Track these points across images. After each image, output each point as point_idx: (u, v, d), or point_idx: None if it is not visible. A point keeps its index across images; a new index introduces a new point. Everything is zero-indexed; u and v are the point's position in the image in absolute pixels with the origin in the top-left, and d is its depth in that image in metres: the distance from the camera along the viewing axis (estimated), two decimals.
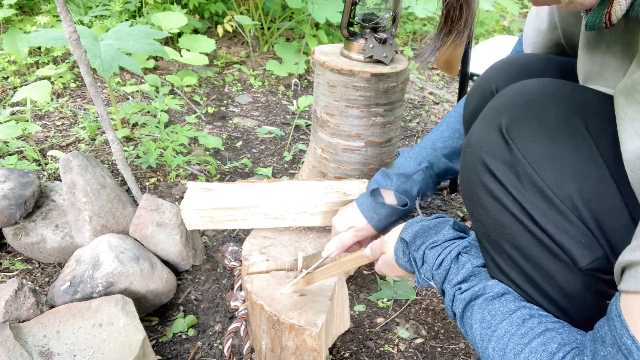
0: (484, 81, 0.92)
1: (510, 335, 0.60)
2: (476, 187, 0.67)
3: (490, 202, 0.65)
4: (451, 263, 0.72)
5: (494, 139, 0.65)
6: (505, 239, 0.65)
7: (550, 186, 0.60)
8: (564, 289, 0.62)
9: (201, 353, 1.07)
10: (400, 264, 0.81)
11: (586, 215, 0.59)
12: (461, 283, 0.70)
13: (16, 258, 1.26)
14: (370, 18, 1.27)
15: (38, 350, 0.89)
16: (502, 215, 0.64)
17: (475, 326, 0.66)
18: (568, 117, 0.62)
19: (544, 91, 0.66)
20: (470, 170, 0.68)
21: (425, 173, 1.06)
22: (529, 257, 0.63)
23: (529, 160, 0.61)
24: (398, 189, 1.05)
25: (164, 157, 1.62)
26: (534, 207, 0.61)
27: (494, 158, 0.64)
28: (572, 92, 0.66)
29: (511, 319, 0.62)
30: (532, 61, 0.90)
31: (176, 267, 1.25)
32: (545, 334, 0.58)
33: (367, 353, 1.10)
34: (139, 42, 1.51)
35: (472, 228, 0.75)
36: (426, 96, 2.46)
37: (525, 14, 3.81)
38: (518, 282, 0.66)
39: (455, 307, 0.70)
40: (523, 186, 0.61)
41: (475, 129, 0.70)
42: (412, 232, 0.79)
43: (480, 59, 1.71)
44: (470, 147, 0.69)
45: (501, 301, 0.65)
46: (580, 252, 0.59)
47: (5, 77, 2.02)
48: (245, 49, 2.58)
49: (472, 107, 0.93)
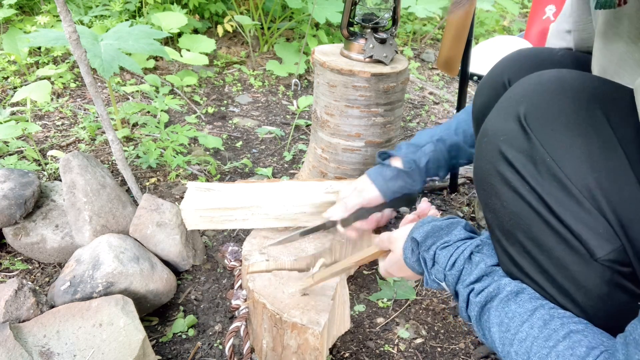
0: (496, 73, 0.90)
1: (533, 338, 0.59)
2: (492, 177, 0.67)
3: (506, 192, 0.65)
4: (464, 263, 0.71)
5: (511, 128, 0.64)
6: (520, 230, 0.64)
7: (568, 176, 0.59)
8: (579, 281, 0.61)
9: (201, 353, 1.07)
10: (409, 264, 0.80)
11: (604, 205, 0.58)
12: (475, 283, 0.69)
13: (16, 258, 1.26)
14: (370, 18, 1.27)
15: (38, 350, 0.89)
16: (518, 205, 0.63)
17: (493, 330, 0.64)
18: (587, 107, 0.62)
19: (562, 81, 0.65)
20: (486, 159, 0.68)
21: (435, 145, 1.05)
22: (544, 248, 0.62)
23: (548, 150, 0.60)
24: (406, 156, 1.05)
25: (164, 157, 1.62)
26: (551, 196, 0.60)
27: (511, 147, 0.64)
28: (592, 82, 0.66)
29: (532, 321, 0.60)
30: (545, 54, 0.89)
31: (176, 267, 1.25)
32: (570, 336, 0.57)
33: (367, 353, 1.10)
34: (139, 42, 1.51)
35: (485, 219, 0.74)
36: (426, 96, 2.46)
37: (525, 14, 3.81)
38: (531, 274, 0.65)
39: (471, 311, 0.69)
40: (541, 175, 0.61)
41: (491, 118, 0.69)
42: (423, 232, 0.78)
43: (480, 59, 1.71)
44: (487, 136, 0.68)
45: (517, 302, 0.63)
46: (597, 243, 0.58)
47: (5, 77, 2.02)
48: (245, 49, 2.58)
49: (482, 99, 0.92)
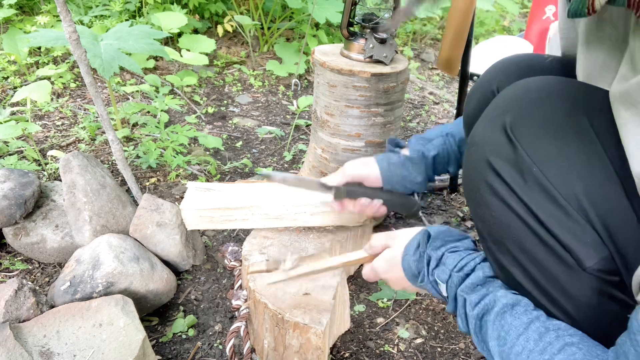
0: (485, 81, 0.91)
1: (528, 351, 0.59)
2: (480, 187, 0.67)
3: (494, 202, 0.65)
4: (474, 269, 0.72)
5: (498, 138, 0.64)
6: (509, 240, 0.64)
7: (555, 185, 0.59)
8: (568, 291, 0.61)
9: (201, 353, 1.07)
10: (405, 262, 0.80)
11: (592, 214, 0.58)
12: (469, 294, 0.69)
13: (16, 258, 1.26)
14: (370, 18, 1.27)
15: (38, 350, 0.89)
16: (507, 215, 0.63)
17: (492, 344, 0.64)
18: (573, 115, 0.62)
19: (548, 89, 0.66)
20: (474, 169, 0.68)
21: (444, 139, 1.05)
22: (533, 258, 0.62)
23: (534, 160, 0.61)
24: (414, 146, 1.05)
25: (164, 157, 1.62)
26: (538, 206, 0.60)
27: (498, 157, 0.64)
28: (577, 89, 0.66)
29: (527, 335, 0.60)
30: (534, 61, 0.90)
31: (176, 267, 1.25)
32: (566, 349, 0.57)
33: (367, 353, 1.10)
34: (139, 42, 1.51)
35: (476, 228, 0.74)
36: (426, 96, 2.46)
37: (525, 14, 3.81)
38: (523, 283, 0.65)
39: (470, 324, 0.69)
40: (528, 185, 0.61)
41: (479, 127, 0.69)
42: (437, 230, 0.78)
43: (480, 59, 1.71)
44: (475, 145, 0.68)
45: (513, 314, 0.63)
46: (585, 252, 0.58)
47: (5, 77, 2.02)
48: (245, 49, 2.58)
49: (472, 107, 0.92)
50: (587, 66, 0.72)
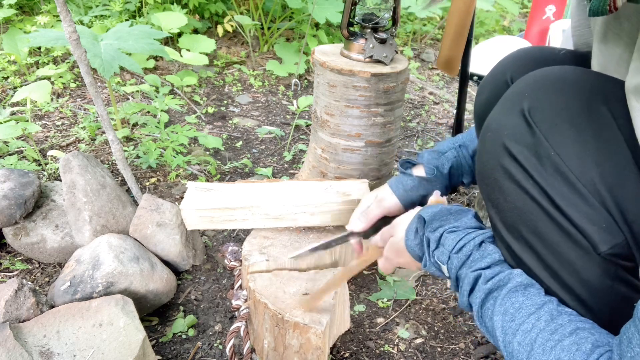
0: (498, 71, 0.90)
1: (539, 330, 0.59)
2: (495, 171, 0.67)
3: (510, 186, 0.65)
4: (473, 249, 0.71)
5: (516, 123, 0.64)
6: (523, 224, 0.64)
7: (572, 170, 0.59)
8: (582, 276, 0.61)
9: (201, 353, 1.07)
10: (409, 246, 0.80)
11: (608, 200, 0.58)
12: (485, 269, 0.69)
13: (16, 258, 1.26)
14: (370, 18, 1.27)
15: (38, 350, 0.89)
16: (522, 199, 0.63)
17: (496, 318, 0.64)
18: (592, 102, 0.62)
19: (566, 77, 0.66)
20: (490, 154, 0.68)
21: (458, 151, 1.05)
22: (547, 242, 0.62)
23: (552, 144, 0.61)
24: (429, 163, 1.04)
25: (164, 157, 1.62)
26: (555, 190, 0.60)
27: (515, 141, 0.64)
28: (595, 78, 0.66)
29: (539, 314, 0.61)
30: (548, 53, 0.90)
31: (176, 267, 1.25)
32: (577, 333, 0.57)
33: (367, 353, 1.10)
34: (139, 42, 1.51)
35: (488, 215, 0.73)
36: (426, 96, 2.46)
37: (525, 14, 3.81)
38: (535, 270, 0.65)
39: (474, 296, 0.69)
40: (545, 170, 0.61)
41: (495, 113, 0.69)
42: (431, 212, 0.78)
43: (480, 59, 1.71)
44: (490, 131, 0.68)
45: (525, 294, 0.63)
46: (600, 237, 0.58)
47: (5, 77, 2.02)
48: (245, 49, 2.58)
49: (484, 96, 0.91)
50: (603, 61, 0.72)
